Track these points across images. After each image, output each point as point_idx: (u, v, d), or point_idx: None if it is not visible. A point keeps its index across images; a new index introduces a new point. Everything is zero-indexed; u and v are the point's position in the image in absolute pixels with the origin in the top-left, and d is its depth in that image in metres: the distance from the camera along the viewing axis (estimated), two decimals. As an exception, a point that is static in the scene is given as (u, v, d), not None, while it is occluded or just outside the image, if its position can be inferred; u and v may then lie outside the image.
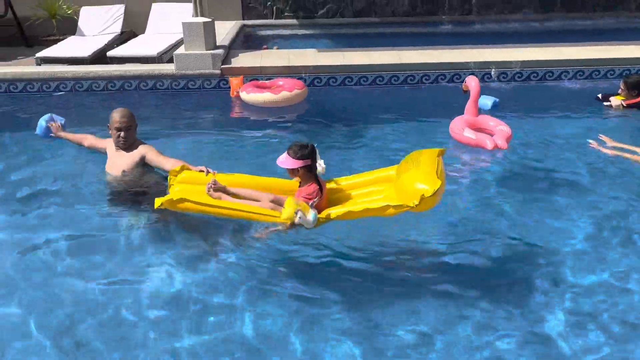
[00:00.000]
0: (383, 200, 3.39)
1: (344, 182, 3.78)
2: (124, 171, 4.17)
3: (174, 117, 6.09)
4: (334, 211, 3.39)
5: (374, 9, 9.42)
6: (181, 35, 8.25)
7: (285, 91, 6.17)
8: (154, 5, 8.86)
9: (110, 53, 7.47)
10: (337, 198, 3.65)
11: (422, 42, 7.79)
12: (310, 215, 3.24)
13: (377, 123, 5.73)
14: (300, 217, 3.20)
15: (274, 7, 9.34)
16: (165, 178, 3.99)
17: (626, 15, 9.51)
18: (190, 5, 8.72)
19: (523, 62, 6.88)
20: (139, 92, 6.78)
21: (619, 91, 5.96)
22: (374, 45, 7.66)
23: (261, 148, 5.09)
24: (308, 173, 3.49)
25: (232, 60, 7.07)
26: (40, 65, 7.31)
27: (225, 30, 8.15)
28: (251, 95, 6.19)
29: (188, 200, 3.41)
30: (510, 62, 6.86)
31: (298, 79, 6.59)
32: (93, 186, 4.25)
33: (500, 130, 5.00)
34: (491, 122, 5.17)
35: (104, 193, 4.17)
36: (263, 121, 5.88)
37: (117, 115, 4.17)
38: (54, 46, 7.79)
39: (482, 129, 5.11)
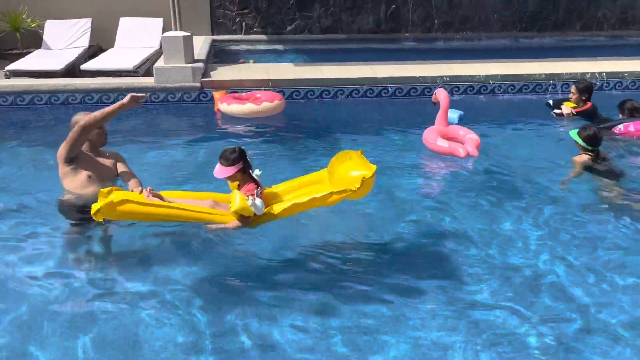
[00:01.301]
0: (321, 191, 3.59)
1: (279, 188, 3.92)
2: (108, 176, 3.91)
3: (153, 129, 6.11)
4: (280, 206, 3.52)
5: (341, 26, 9.75)
6: (153, 49, 8.35)
7: (267, 102, 6.32)
8: (122, 19, 8.82)
9: (84, 66, 7.37)
10: (278, 202, 3.74)
11: (387, 58, 8.16)
12: (258, 201, 3.41)
13: (353, 133, 5.95)
14: (252, 203, 3.36)
15: (243, 23, 9.48)
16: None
17: (573, 35, 10.31)
18: (157, 20, 8.80)
19: (487, 75, 7.37)
20: (118, 105, 6.73)
21: (570, 96, 6.31)
22: (342, 60, 7.95)
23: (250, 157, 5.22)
24: (244, 174, 3.62)
25: (211, 73, 7.15)
26: (9, 78, 7.11)
27: (197, 45, 8.22)
28: (232, 106, 6.30)
29: (130, 201, 3.24)
30: (475, 76, 7.32)
31: (277, 92, 6.77)
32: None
33: (470, 138, 5.32)
34: (461, 131, 5.50)
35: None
36: (242, 133, 5.99)
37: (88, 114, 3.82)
38: (23, 59, 7.61)
39: (453, 138, 5.43)
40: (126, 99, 3.68)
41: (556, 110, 6.31)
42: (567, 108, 6.22)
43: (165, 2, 8.97)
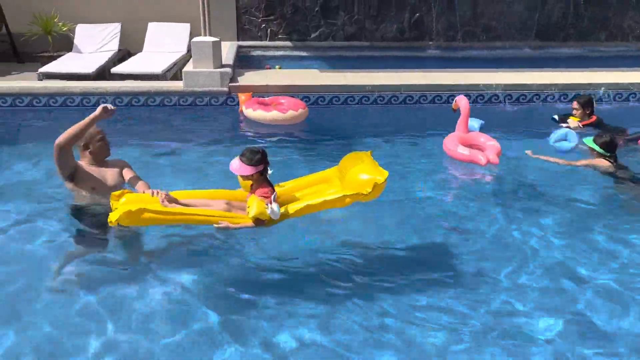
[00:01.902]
0: (333, 193, 3.64)
1: (287, 185, 3.96)
2: (115, 185, 3.94)
3: (180, 132, 6.23)
4: (293, 206, 3.55)
5: (364, 34, 9.82)
6: (180, 53, 8.49)
7: (292, 110, 6.40)
8: (150, 24, 8.98)
9: (114, 69, 7.53)
10: (286, 200, 3.79)
11: (410, 66, 8.21)
12: (275, 206, 3.43)
13: (375, 139, 6.01)
14: (271, 210, 3.38)
15: (268, 29, 9.61)
16: None
17: (597, 45, 10.26)
18: (185, 25, 8.95)
19: (511, 85, 7.39)
20: (147, 108, 6.88)
21: (573, 112, 6.29)
22: (365, 67, 8.02)
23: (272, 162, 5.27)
24: (261, 177, 3.62)
25: (238, 78, 7.27)
26: (42, 80, 7.29)
27: (224, 50, 8.34)
28: (258, 112, 6.38)
29: (148, 210, 3.25)
30: (498, 85, 7.35)
31: (301, 98, 6.86)
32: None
33: (491, 145, 5.34)
34: (481, 138, 5.52)
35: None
36: (266, 137, 6.08)
37: (93, 128, 3.85)
38: (55, 62, 7.79)
39: (473, 145, 5.45)
40: (98, 111, 3.68)
41: (563, 124, 6.33)
42: (573, 122, 6.24)
43: (191, 7, 9.17)
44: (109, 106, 3.72)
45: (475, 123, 6.26)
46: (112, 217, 3.21)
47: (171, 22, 8.99)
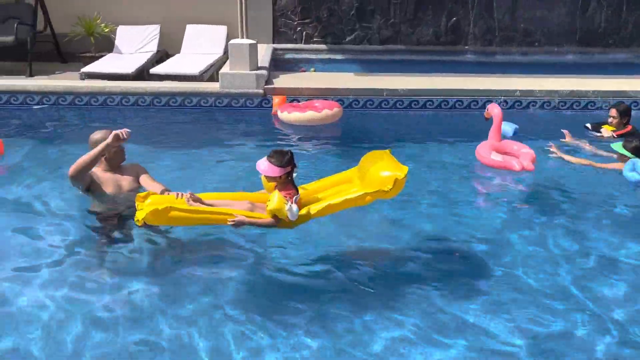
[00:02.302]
0: (354, 192, 3.61)
1: (309, 186, 3.96)
2: (128, 191, 3.98)
3: (216, 133, 6.33)
4: (314, 207, 3.53)
5: (400, 37, 9.77)
6: (217, 55, 8.61)
7: (327, 109, 6.43)
8: (189, 26, 9.14)
9: (153, 70, 7.69)
10: (308, 201, 3.77)
11: (446, 70, 8.13)
12: (294, 207, 3.40)
13: (407, 144, 5.97)
14: (289, 207, 3.36)
15: (304, 32, 9.66)
16: None
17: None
18: (222, 27, 9.08)
19: (548, 91, 7.23)
20: (183, 108, 7.01)
21: (609, 120, 6.11)
22: (400, 71, 7.98)
23: (300, 166, 5.24)
24: (287, 179, 3.58)
25: (274, 80, 7.33)
26: (84, 79, 7.50)
27: (260, 53, 8.43)
28: (293, 114, 6.43)
29: (174, 209, 3.29)
30: (537, 91, 7.21)
31: (336, 100, 6.87)
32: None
33: (524, 152, 5.23)
34: (515, 145, 5.42)
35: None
36: (299, 140, 6.12)
37: (107, 133, 3.86)
38: (96, 62, 8.00)
39: (506, 152, 5.35)
40: (110, 138, 3.68)
41: (596, 133, 6.16)
42: (607, 131, 6.08)
43: (229, 10, 9.30)
44: (122, 133, 3.70)
45: (509, 128, 6.16)
46: (139, 216, 3.26)
47: (209, 25, 9.13)
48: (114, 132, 3.70)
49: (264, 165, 3.51)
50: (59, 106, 6.93)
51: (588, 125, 6.31)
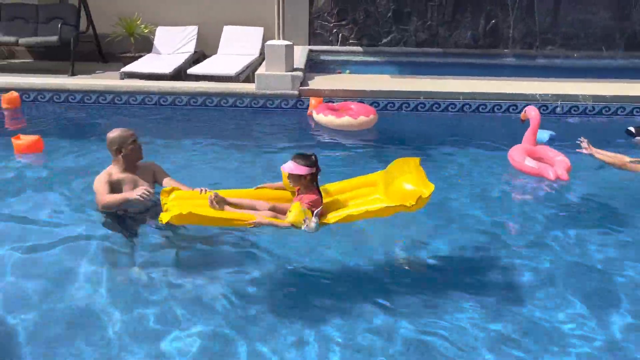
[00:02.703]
0: (375, 201, 3.57)
1: (332, 187, 3.93)
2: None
3: (251, 133, 6.34)
4: (334, 215, 3.50)
5: (437, 40, 9.66)
6: (253, 56, 8.67)
7: (363, 116, 6.37)
8: (226, 28, 9.23)
9: (190, 71, 7.79)
10: (328, 202, 3.74)
11: (483, 73, 7.96)
12: (313, 223, 3.37)
13: (441, 147, 5.84)
14: (307, 226, 3.34)
15: (340, 34, 9.64)
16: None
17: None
18: (259, 29, 9.13)
19: (594, 96, 7.01)
20: (219, 109, 7.07)
21: None
22: (436, 74, 7.86)
23: (332, 167, 5.22)
24: (311, 182, 3.58)
25: (309, 82, 7.32)
26: (123, 79, 7.65)
27: (296, 54, 8.44)
28: (329, 117, 6.38)
29: (196, 214, 3.30)
30: (579, 95, 6.98)
31: (370, 103, 6.81)
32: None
33: (560, 160, 5.02)
34: (550, 152, 5.22)
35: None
36: (333, 142, 6.07)
37: (125, 131, 3.94)
38: (136, 62, 8.15)
39: (541, 158, 5.16)
40: (133, 196, 3.64)
41: (638, 138, 5.92)
42: None
43: (265, 12, 9.38)
44: (145, 194, 3.63)
45: (545, 134, 5.98)
46: (164, 218, 3.28)
47: (246, 26, 9.20)
48: (140, 193, 3.63)
49: (291, 165, 3.53)
50: (99, 104, 7.09)
51: (631, 128, 6.09)
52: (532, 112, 5.37)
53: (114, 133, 3.92)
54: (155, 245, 3.72)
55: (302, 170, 3.50)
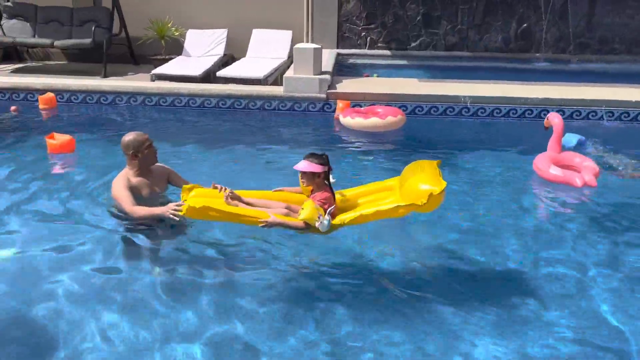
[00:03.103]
0: (391, 203, 3.53)
1: (348, 192, 3.91)
2: (161, 192, 4.05)
3: (277, 135, 6.37)
4: (347, 216, 3.50)
5: (467, 44, 9.55)
6: (282, 60, 8.70)
7: (391, 116, 6.33)
8: (255, 31, 9.30)
9: (219, 73, 7.86)
10: (345, 207, 3.75)
11: (514, 78, 7.82)
12: (326, 220, 3.38)
13: (467, 152, 5.75)
14: (320, 223, 3.34)
15: (368, 38, 9.61)
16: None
17: None
18: (287, 32, 9.17)
19: (626, 102, 6.81)
20: (247, 111, 7.11)
21: None
22: (466, 78, 7.76)
23: (357, 171, 5.23)
24: (324, 180, 3.63)
25: (337, 85, 7.31)
26: (154, 81, 7.77)
27: (324, 58, 8.45)
28: (356, 120, 6.36)
29: (212, 209, 3.39)
30: (620, 101, 6.80)
31: (398, 107, 6.75)
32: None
33: (587, 166, 4.87)
34: (577, 158, 5.08)
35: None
36: (359, 145, 6.04)
37: (140, 135, 3.94)
38: (166, 64, 8.27)
39: (567, 165, 5.02)
40: (167, 214, 3.59)
41: None
42: None
43: (294, 15, 9.42)
44: (177, 212, 3.58)
45: (573, 138, 5.81)
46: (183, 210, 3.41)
47: (274, 30, 9.25)
48: (172, 211, 3.58)
49: (304, 163, 3.58)
50: (130, 105, 7.21)
51: None
52: (555, 119, 5.23)
53: (129, 137, 3.92)
54: (175, 246, 3.76)
55: (316, 168, 3.55)
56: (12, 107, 6.86)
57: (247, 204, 3.69)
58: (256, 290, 3.31)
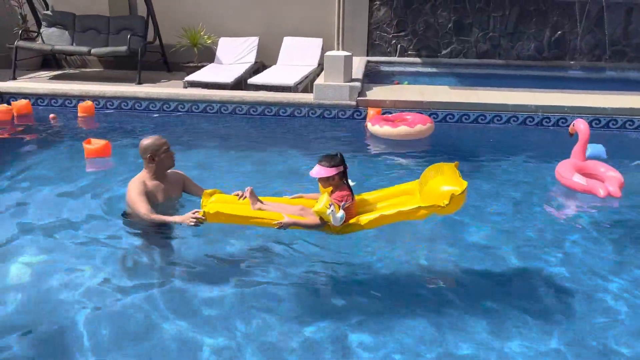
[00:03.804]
0: (409, 204, 3.50)
1: (369, 196, 3.91)
2: (174, 198, 4.06)
3: (307, 142, 6.38)
4: (366, 217, 3.47)
5: (499, 52, 9.45)
6: (312, 67, 8.75)
7: (420, 124, 6.29)
8: (285, 39, 9.38)
9: (250, 80, 7.95)
10: (364, 210, 3.72)
11: (547, 86, 7.70)
12: (340, 213, 3.38)
13: (496, 160, 5.68)
14: (331, 211, 3.36)
15: (398, 45, 9.60)
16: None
17: None
18: (318, 40, 9.22)
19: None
20: (278, 118, 7.17)
21: None
22: (498, 86, 7.66)
23: (384, 177, 5.20)
24: (341, 180, 3.63)
25: (367, 93, 7.32)
26: (186, 88, 7.91)
27: (354, 65, 8.46)
28: (384, 128, 6.33)
29: (226, 214, 3.46)
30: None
31: (429, 114, 6.71)
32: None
33: (611, 176, 4.74)
34: (601, 167, 4.94)
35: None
36: (389, 152, 6.02)
37: (158, 139, 3.96)
38: (198, 71, 8.41)
39: (591, 174, 4.89)
40: (183, 221, 3.61)
41: None
42: None
43: (325, 22, 9.47)
44: (196, 221, 3.58)
45: (602, 149, 5.62)
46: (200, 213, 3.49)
47: (305, 37, 9.32)
48: (192, 219, 3.57)
49: (317, 169, 3.62)
50: (163, 112, 7.35)
51: None
52: (580, 126, 5.12)
53: (147, 140, 3.95)
54: (190, 249, 3.79)
55: (328, 172, 3.58)
56: (51, 115, 7.07)
57: (265, 204, 3.74)
58: (271, 294, 3.31)
